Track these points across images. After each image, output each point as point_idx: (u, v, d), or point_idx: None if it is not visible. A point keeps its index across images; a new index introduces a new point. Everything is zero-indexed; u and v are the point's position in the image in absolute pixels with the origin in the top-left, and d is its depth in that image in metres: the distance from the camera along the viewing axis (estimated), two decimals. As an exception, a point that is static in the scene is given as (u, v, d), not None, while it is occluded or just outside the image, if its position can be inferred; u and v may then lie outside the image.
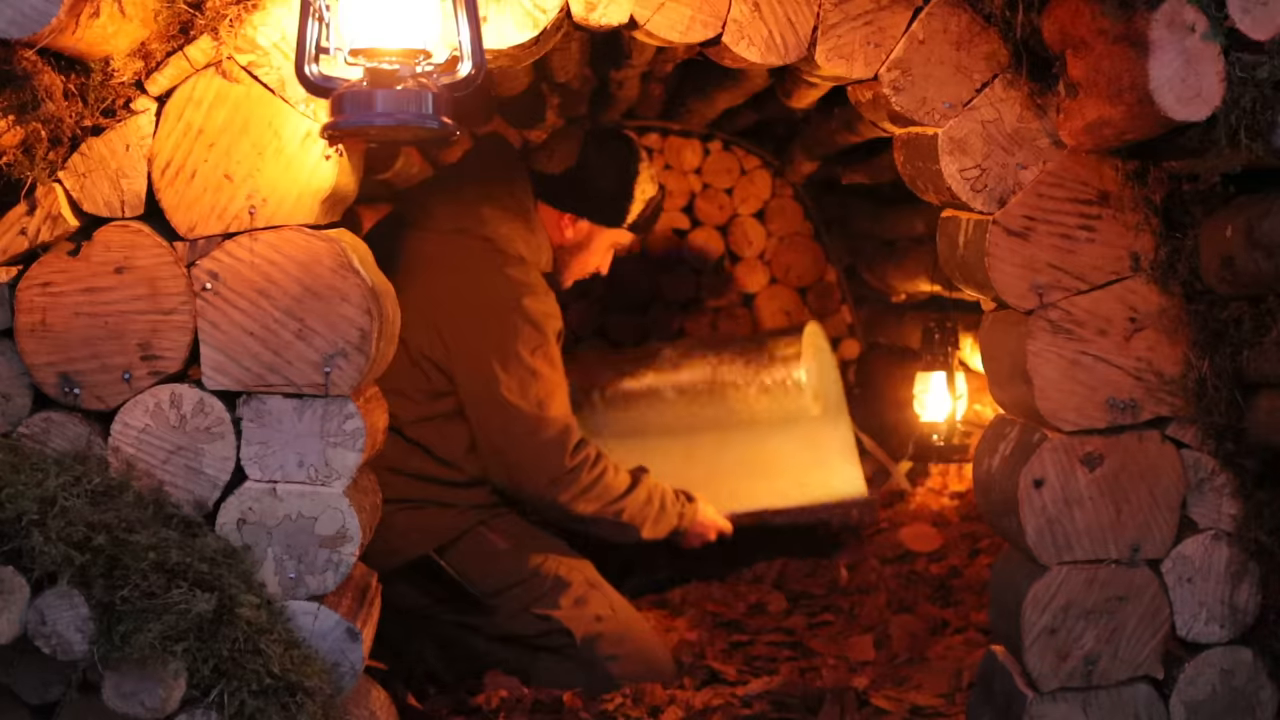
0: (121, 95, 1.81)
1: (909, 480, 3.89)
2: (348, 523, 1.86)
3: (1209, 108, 1.65)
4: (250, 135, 1.83)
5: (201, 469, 1.84)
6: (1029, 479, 1.95)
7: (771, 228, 4.53)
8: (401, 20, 1.71)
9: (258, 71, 1.83)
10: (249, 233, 1.84)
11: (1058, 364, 1.94)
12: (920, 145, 2.03)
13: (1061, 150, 1.93)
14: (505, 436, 2.83)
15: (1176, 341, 1.95)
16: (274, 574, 1.84)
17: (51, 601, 1.61)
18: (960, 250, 2.07)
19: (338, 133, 1.74)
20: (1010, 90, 1.92)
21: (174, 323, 1.84)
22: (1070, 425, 1.95)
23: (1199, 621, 1.98)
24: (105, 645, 1.61)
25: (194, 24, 1.80)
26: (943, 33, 1.91)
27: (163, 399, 1.84)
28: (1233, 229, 1.80)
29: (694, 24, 1.88)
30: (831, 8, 1.90)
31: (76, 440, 1.83)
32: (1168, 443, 1.97)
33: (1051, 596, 1.97)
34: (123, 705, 1.62)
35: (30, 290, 1.82)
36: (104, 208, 1.83)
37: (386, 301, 1.94)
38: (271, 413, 1.85)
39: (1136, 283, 1.95)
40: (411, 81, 1.72)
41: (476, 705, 2.71)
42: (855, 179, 3.77)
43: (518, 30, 1.85)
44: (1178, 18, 1.63)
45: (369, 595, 2.03)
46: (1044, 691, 1.98)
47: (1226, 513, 1.97)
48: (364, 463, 1.89)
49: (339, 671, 1.84)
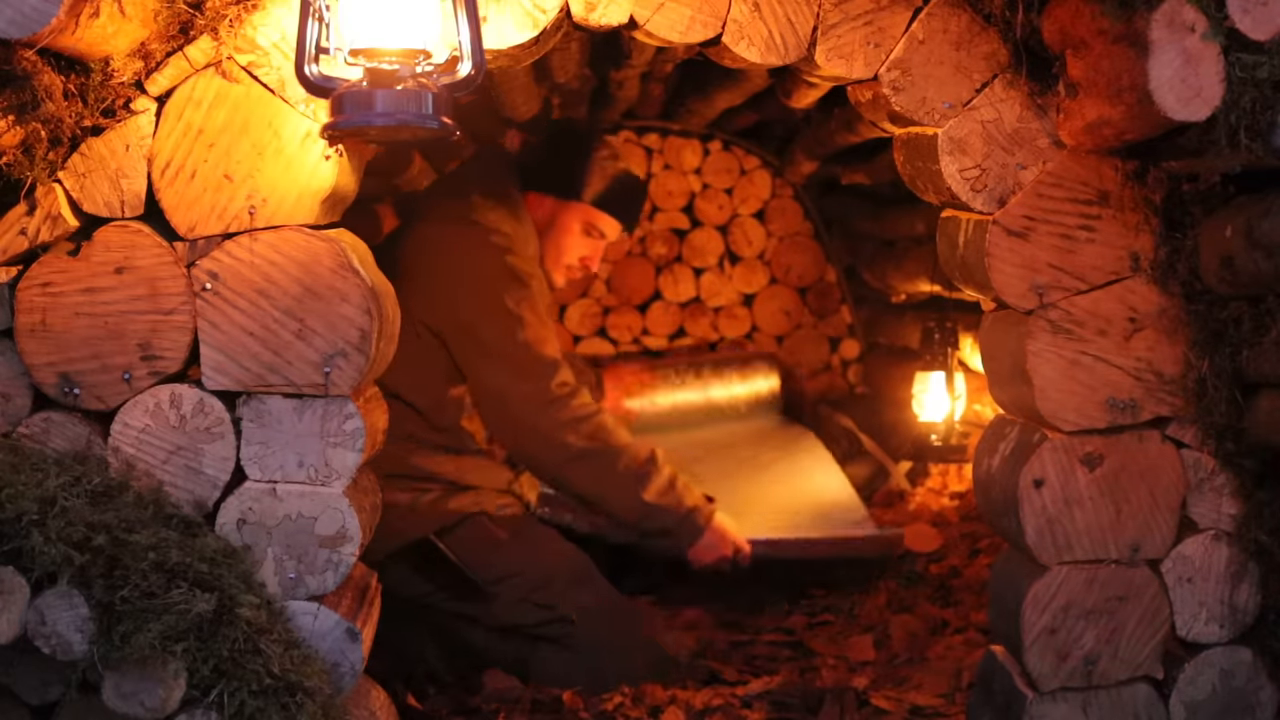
0: (121, 95, 1.81)
1: (909, 480, 3.89)
2: (348, 523, 1.86)
3: (1209, 108, 1.65)
4: (250, 135, 1.83)
5: (201, 469, 1.84)
6: (1029, 479, 1.95)
7: (771, 228, 4.53)
8: (401, 20, 1.71)
9: (258, 71, 1.83)
10: (249, 233, 1.84)
11: (1058, 364, 1.94)
12: (920, 145, 2.03)
13: (1061, 150, 1.93)
14: (496, 380, 2.90)
15: (1176, 341, 1.94)
16: (274, 574, 1.84)
17: (51, 601, 1.61)
18: (960, 250, 2.07)
19: (338, 133, 1.74)
20: (1010, 90, 1.92)
21: (174, 323, 1.84)
22: (1070, 425, 1.95)
23: (1199, 621, 1.98)
24: (105, 645, 1.61)
25: (194, 24, 1.80)
26: (943, 33, 1.91)
27: (163, 399, 1.84)
28: (1232, 229, 1.80)
29: (694, 24, 1.88)
30: (831, 8, 1.90)
31: (76, 440, 1.83)
32: (1168, 443, 1.97)
33: (1051, 596, 1.97)
34: (123, 705, 1.62)
35: (30, 290, 1.82)
36: (104, 208, 1.83)
37: (386, 301, 1.94)
38: (271, 413, 1.85)
39: (1136, 283, 1.95)
40: (411, 81, 1.72)
41: (476, 705, 2.71)
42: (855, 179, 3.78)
43: (518, 30, 1.85)
44: (1178, 18, 1.63)
45: (369, 595, 2.03)
46: (1044, 691, 1.98)
47: (1226, 513, 1.97)
48: (364, 463, 1.89)
49: (339, 671, 1.84)
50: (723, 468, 3.69)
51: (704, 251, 4.51)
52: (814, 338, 4.58)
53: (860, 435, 3.94)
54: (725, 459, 3.78)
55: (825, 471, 3.70)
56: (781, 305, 4.55)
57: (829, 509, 3.48)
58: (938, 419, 3.50)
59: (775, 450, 3.85)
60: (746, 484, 3.59)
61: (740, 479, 3.62)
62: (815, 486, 3.61)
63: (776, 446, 3.89)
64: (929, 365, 3.52)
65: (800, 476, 3.67)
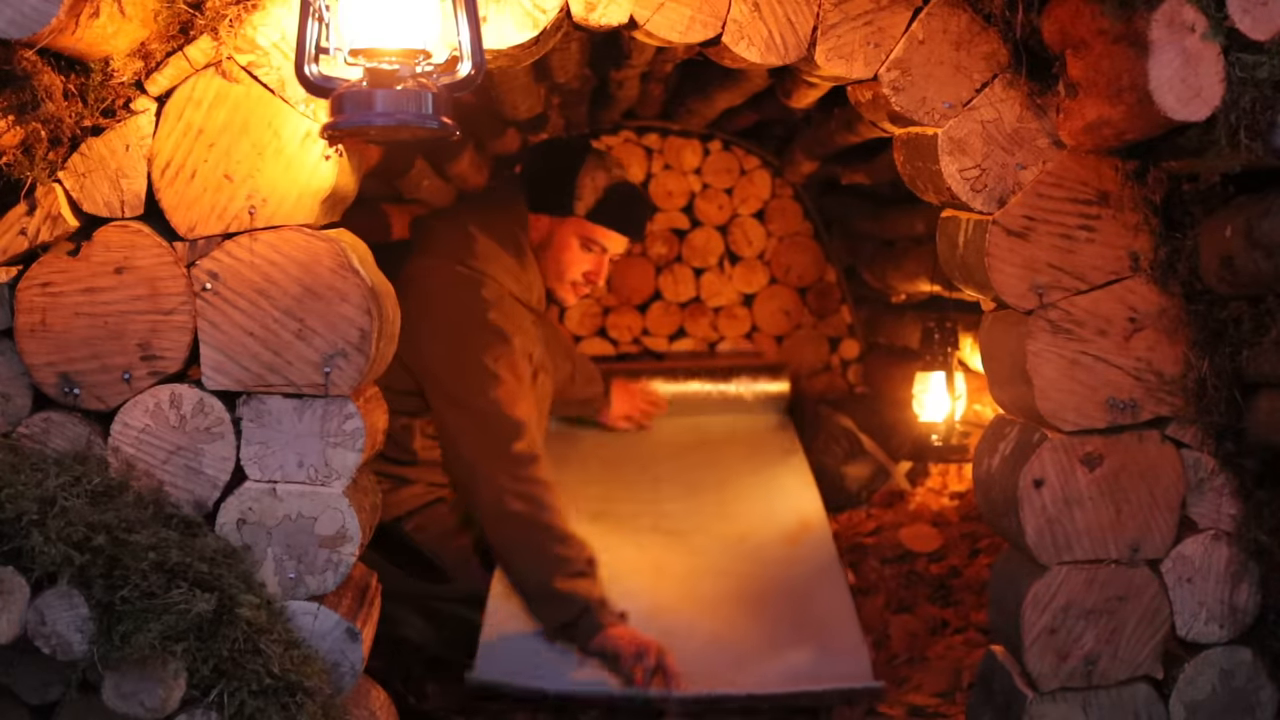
0: (121, 95, 1.81)
1: (909, 480, 3.89)
2: (347, 523, 1.86)
3: (1209, 108, 1.65)
4: (250, 135, 1.83)
5: (201, 469, 1.84)
6: (1029, 479, 1.95)
7: (771, 228, 4.53)
8: (401, 20, 1.71)
9: (258, 71, 1.83)
10: (249, 233, 1.84)
11: (1058, 364, 1.94)
12: (920, 145, 2.03)
13: (1061, 150, 1.93)
14: (459, 426, 2.91)
15: (1176, 341, 1.95)
16: (274, 574, 1.84)
17: (51, 601, 1.61)
18: (960, 250, 2.07)
19: (338, 133, 1.74)
20: (1010, 90, 1.92)
21: (174, 323, 1.84)
22: (1070, 425, 1.95)
23: (1199, 621, 1.98)
24: (105, 645, 1.61)
25: (194, 24, 1.80)
26: (942, 33, 1.91)
27: (163, 399, 1.84)
28: (1232, 229, 1.80)
29: (694, 24, 1.88)
30: (831, 8, 1.90)
31: (76, 440, 1.83)
32: (1168, 443, 1.97)
33: (1051, 596, 1.97)
34: (123, 705, 1.62)
35: (30, 290, 1.82)
36: (104, 208, 1.83)
37: (386, 301, 1.94)
38: (271, 413, 1.85)
39: (1136, 283, 1.95)
40: (411, 81, 1.72)
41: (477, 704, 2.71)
42: (855, 179, 3.77)
43: (518, 30, 1.85)
44: (1178, 18, 1.63)
45: (369, 595, 2.03)
46: (1044, 691, 1.99)
47: (1226, 513, 1.97)
48: (364, 463, 1.89)
49: (339, 671, 1.84)
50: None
51: (704, 251, 4.51)
52: (814, 338, 4.58)
53: (860, 435, 3.94)
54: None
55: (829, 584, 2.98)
56: (781, 305, 4.55)
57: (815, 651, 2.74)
58: (938, 419, 3.50)
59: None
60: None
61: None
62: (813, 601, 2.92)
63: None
64: (929, 365, 3.52)
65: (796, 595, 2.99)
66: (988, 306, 2.13)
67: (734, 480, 3.46)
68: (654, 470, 3.54)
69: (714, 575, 2.99)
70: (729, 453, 3.68)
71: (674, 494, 3.39)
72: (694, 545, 3.12)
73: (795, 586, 2.93)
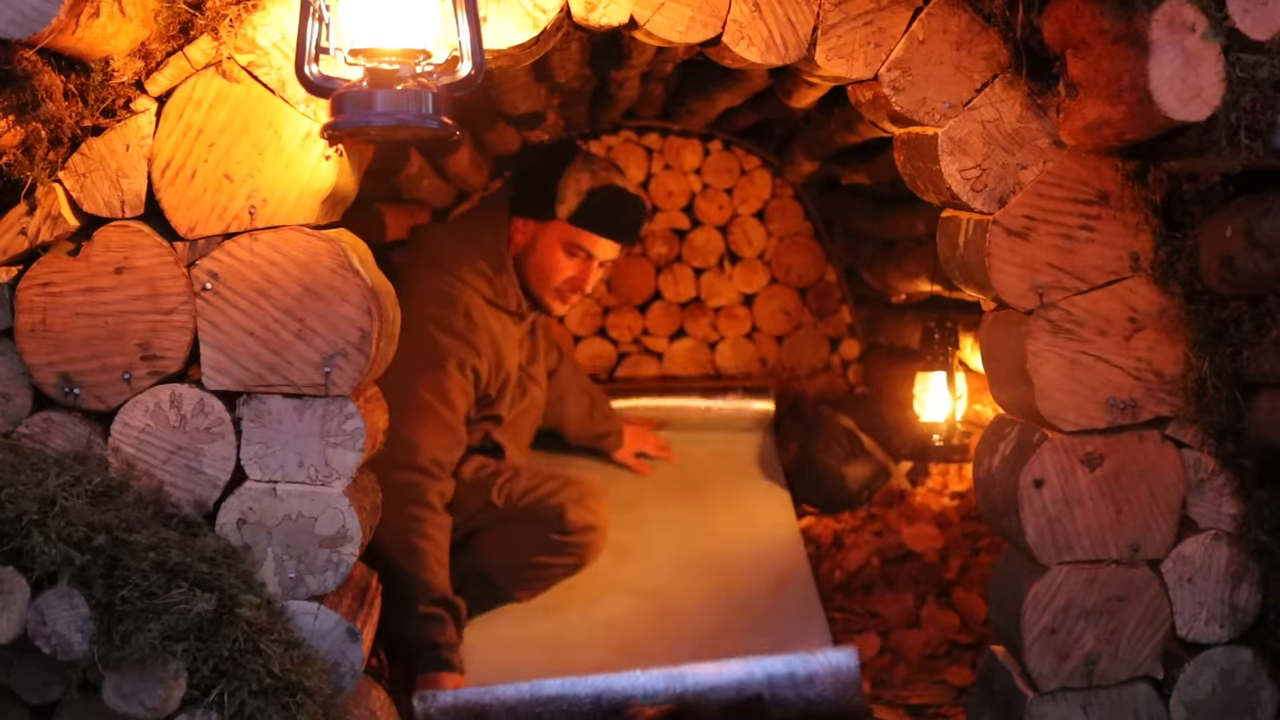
0: (121, 95, 1.81)
1: (909, 480, 3.89)
2: (348, 523, 1.86)
3: (1209, 108, 1.65)
4: (250, 135, 1.83)
5: (201, 469, 1.85)
6: (1029, 479, 1.95)
7: (771, 228, 4.53)
8: (401, 20, 1.71)
9: (258, 71, 1.83)
10: (249, 233, 1.84)
11: (1058, 364, 1.94)
12: (920, 145, 2.03)
13: (1061, 150, 1.93)
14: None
15: (1176, 341, 1.95)
16: (274, 574, 1.84)
17: (51, 601, 1.61)
18: (960, 250, 2.07)
19: (338, 133, 1.74)
20: (1010, 90, 1.92)
21: (174, 323, 1.84)
22: (1070, 425, 1.95)
23: (1199, 621, 1.98)
24: (105, 645, 1.61)
25: (194, 24, 1.80)
26: (943, 33, 1.91)
27: (163, 399, 1.84)
28: (1233, 229, 1.80)
29: (694, 24, 1.88)
30: (831, 8, 1.90)
31: (76, 440, 1.83)
32: (1168, 443, 1.97)
33: (1051, 596, 1.97)
34: (123, 705, 1.62)
35: (30, 290, 1.82)
36: (104, 208, 1.83)
37: (386, 301, 1.94)
38: (271, 413, 1.85)
39: (1136, 283, 1.95)
40: (411, 81, 1.72)
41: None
42: (855, 179, 3.77)
43: (518, 30, 1.85)
44: (1178, 18, 1.63)
45: (369, 595, 2.03)
46: (1044, 691, 1.99)
47: (1226, 513, 1.97)
48: (364, 462, 1.89)
49: (339, 671, 1.84)
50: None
51: (704, 251, 4.51)
52: (814, 338, 4.57)
53: (860, 435, 3.94)
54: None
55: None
56: (781, 305, 4.55)
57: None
58: (939, 419, 3.50)
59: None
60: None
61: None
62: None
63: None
64: (930, 365, 3.52)
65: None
66: (988, 306, 2.13)
67: (712, 505, 3.60)
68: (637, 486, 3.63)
69: (684, 582, 3.19)
70: (710, 472, 3.80)
71: (652, 516, 3.51)
72: (667, 561, 3.28)
73: (764, 585, 3.16)
